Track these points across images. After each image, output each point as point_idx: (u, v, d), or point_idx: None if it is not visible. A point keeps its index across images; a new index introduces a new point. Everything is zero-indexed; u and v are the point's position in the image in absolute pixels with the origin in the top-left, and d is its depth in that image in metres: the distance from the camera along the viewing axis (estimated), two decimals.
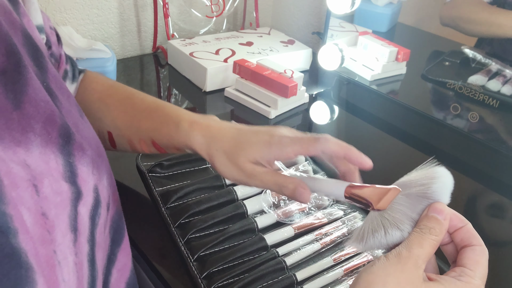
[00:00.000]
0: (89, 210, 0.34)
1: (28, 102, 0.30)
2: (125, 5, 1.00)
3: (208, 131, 0.46)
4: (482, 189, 0.72)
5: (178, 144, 0.48)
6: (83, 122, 0.37)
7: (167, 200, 0.56)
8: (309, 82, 1.00)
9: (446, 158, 0.77)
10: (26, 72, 0.30)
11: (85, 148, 0.35)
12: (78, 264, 0.32)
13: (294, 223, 0.55)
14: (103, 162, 0.38)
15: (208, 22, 1.12)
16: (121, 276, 0.42)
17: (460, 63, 0.78)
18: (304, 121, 0.86)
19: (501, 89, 0.72)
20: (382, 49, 0.88)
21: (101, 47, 0.87)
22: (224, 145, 0.44)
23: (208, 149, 0.45)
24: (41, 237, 0.28)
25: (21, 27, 0.34)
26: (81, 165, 0.34)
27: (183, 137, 0.47)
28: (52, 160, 0.31)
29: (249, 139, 0.44)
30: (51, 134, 0.32)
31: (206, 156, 0.46)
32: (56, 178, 0.31)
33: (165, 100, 0.91)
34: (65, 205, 0.31)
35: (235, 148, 0.44)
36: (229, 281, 0.47)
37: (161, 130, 0.48)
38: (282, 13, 1.19)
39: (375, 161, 0.43)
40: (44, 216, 0.29)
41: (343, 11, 0.85)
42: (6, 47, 0.30)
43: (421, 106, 0.83)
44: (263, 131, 0.44)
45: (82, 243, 0.33)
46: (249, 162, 0.43)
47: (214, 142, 0.45)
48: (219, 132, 0.46)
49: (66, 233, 0.31)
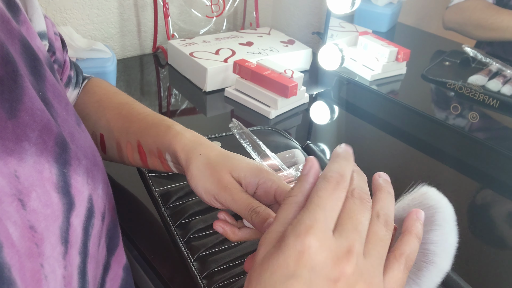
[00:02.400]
0: (82, 221, 0.34)
1: (24, 110, 0.30)
2: (125, 5, 1.00)
3: (197, 139, 0.45)
4: (482, 189, 0.72)
5: (162, 145, 0.46)
6: (80, 131, 0.37)
7: (167, 200, 0.56)
8: (309, 82, 1.00)
9: (446, 158, 0.77)
10: (22, 81, 0.30)
11: (80, 158, 0.34)
12: (67, 278, 0.31)
13: None
14: (99, 171, 0.37)
15: (208, 22, 1.12)
16: (112, 285, 0.42)
17: (460, 63, 0.78)
18: (304, 121, 0.86)
19: (501, 89, 0.72)
20: (382, 49, 0.88)
21: (101, 47, 0.87)
22: (211, 153, 0.42)
23: (190, 152, 0.43)
24: (28, 251, 0.28)
25: (20, 36, 0.34)
26: (76, 175, 0.33)
27: (170, 138, 0.45)
28: (46, 169, 0.31)
29: (241, 158, 0.42)
30: (48, 143, 0.31)
31: (183, 159, 0.43)
32: (46, 189, 0.30)
33: (165, 100, 0.91)
34: (56, 217, 0.31)
35: (222, 158, 0.42)
36: (229, 281, 0.47)
37: (150, 130, 0.47)
38: (282, 13, 1.19)
39: (375, 161, 0.43)
40: (32, 229, 0.29)
41: (343, 11, 0.85)
42: (2, 56, 0.30)
43: (421, 106, 0.83)
44: (255, 161, 0.43)
45: (73, 255, 0.32)
46: (229, 174, 0.40)
47: (201, 148, 0.43)
48: (209, 144, 0.44)
49: (56, 245, 0.30)
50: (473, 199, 0.70)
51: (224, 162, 0.41)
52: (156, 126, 0.47)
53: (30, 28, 0.38)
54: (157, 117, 0.49)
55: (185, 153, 0.43)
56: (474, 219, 0.64)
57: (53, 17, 0.92)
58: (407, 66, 0.89)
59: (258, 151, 0.57)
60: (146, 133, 0.47)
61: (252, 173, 0.40)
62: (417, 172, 0.74)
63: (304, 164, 0.32)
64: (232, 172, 0.41)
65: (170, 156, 0.46)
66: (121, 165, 0.65)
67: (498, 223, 0.65)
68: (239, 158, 0.42)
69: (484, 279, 0.53)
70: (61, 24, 0.93)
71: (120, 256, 0.43)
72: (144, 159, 0.49)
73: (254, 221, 0.38)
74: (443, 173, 0.75)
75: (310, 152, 0.67)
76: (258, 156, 0.57)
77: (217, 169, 0.41)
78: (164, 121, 0.47)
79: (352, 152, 0.33)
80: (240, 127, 0.58)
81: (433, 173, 0.74)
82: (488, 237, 0.61)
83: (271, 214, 0.37)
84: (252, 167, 0.41)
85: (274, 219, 0.31)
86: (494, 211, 0.67)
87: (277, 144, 0.67)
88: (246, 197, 0.39)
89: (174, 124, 0.47)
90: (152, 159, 0.48)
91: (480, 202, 0.70)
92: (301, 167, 0.62)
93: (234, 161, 0.41)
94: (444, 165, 0.76)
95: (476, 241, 0.60)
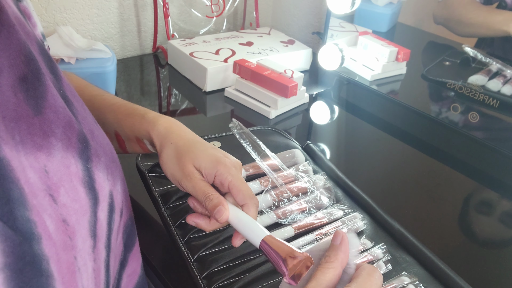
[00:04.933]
0: (106, 215, 0.35)
1: (48, 107, 0.31)
2: (125, 5, 1.00)
3: (170, 126, 0.49)
4: (482, 189, 0.72)
5: (139, 133, 0.50)
6: (98, 129, 0.38)
7: (167, 200, 0.56)
8: (309, 82, 1.00)
9: (446, 158, 0.77)
10: (45, 79, 0.31)
11: (100, 154, 0.35)
12: (96, 270, 0.32)
13: (294, 223, 0.55)
14: (117, 168, 0.39)
15: (208, 22, 1.12)
16: (129, 281, 0.42)
17: (460, 63, 0.78)
18: (304, 121, 0.86)
19: (501, 89, 0.72)
20: (382, 49, 0.88)
21: (101, 47, 0.87)
22: (179, 142, 0.47)
23: (163, 140, 0.48)
24: (63, 243, 0.29)
25: (35, 38, 0.35)
26: (98, 171, 0.34)
27: (146, 126, 0.49)
28: (72, 164, 0.31)
29: (204, 149, 0.47)
30: (71, 139, 0.32)
31: (158, 146, 0.48)
32: (74, 184, 0.31)
33: (165, 100, 0.91)
34: (85, 211, 0.32)
35: (187, 148, 0.46)
36: (229, 281, 0.47)
37: (126, 120, 0.51)
38: (282, 13, 1.19)
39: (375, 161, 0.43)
40: (65, 223, 0.29)
41: (343, 11, 0.85)
42: (26, 55, 0.30)
43: (421, 106, 0.83)
44: (221, 151, 0.48)
45: (100, 249, 0.33)
46: (191, 165, 0.45)
47: (172, 137, 0.48)
48: (180, 132, 0.49)
49: (86, 238, 0.31)
50: (473, 199, 0.70)
51: (189, 153, 0.46)
52: (131, 116, 0.51)
53: (39, 31, 0.39)
54: (130, 106, 0.52)
55: (159, 141, 0.48)
56: (474, 219, 0.64)
57: (53, 17, 0.92)
58: (407, 66, 0.89)
59: (258, 151, 0.57)
60: (122, 123, 0.51)
61: (210, 164, 0.45)
62: (417, 172, 0.74)
63: (334, 236, 0.38)
64: (194, 162, 0.45)
65: (148, 141, 0.51)
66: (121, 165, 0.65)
67: (498, 223, 0.65)
68: (202, 149, 0.46)
69: (484, 279, 0.53)
70: (61, 24, 0.93)
71: (138, 254, 0.44)
72: (123, 146, 0.54)
73: (207, 206, 0.43)
74: (443, 173, 0.75)
75: (310, 152, 0.67)
76: (258, 156, 0.57)
77: (182, 158, 0.46)
78: (137, 110, 0.51)
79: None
80: (240, 127, 0.58)
81: (433, 173, 0.74)
82: (488, 237, 0.61)
83: (222, 202, 0.43)
84: (211, 159, 0.45)
85: (312, 277, 0.35)
86: (494, 211, 0.67)
87: (277, 144, 0.67)
88: (203, 185, 0.45)
89: (147, 113, 0.51)
90: (130, 145, 0.53)
91: (480, 202, 0.70)
92: (301, 167, 0.62)
93: (197, 152, 0.46)
94: (444, 165, 0.76)
95: (476, 241, 0.60)
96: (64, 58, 0.84)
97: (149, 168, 0.59)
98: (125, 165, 0.64)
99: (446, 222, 0.62)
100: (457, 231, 0.61)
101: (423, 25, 0.86)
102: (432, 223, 0.61)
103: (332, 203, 0.59)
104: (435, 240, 0.57)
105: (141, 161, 0.61)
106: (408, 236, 0.54)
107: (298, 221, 0.55)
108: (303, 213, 0.57)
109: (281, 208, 0.56)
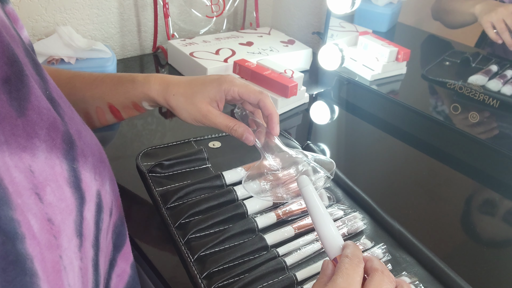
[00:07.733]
0: (94, 215, 0.35)
1: (31, 109, 0.31)
2: (125, 5, 1.00)
3: (162, 80, 0.52)
4: (482, 189, 0.72)
5: (135, 98, 0.53)
6: (86, 129, 0.38)
7: (167, 200, 0.56)
8: (309, 82, 1.00)
9: (446, 158, 0.77)
10: (28, 81, 0.31)
11: (87, 154, 0.35)
12: (83, 269, 0.32)
13: (294, 223, 0.55)
14: (105, 168, 0.39)
15: (208, 22, 1.12)
16: (119, 281, 0.42)
17: (460, 63, 0.78)
18: (304, 121, 0.86)
19: (501, 89, 0.72)
20: (382, 49, 0.88)
21: (101, 47, 0.87)
22: (180, 89, 0.51)
23: (165, 94, 0.51)
24: (48, 243, 0.29)
25: (20, 41, 0.35)
26: (84, 171, 0.34)
27: (140, 89, 0.52)
28: (57, 165, 0.32)
29: (203, 82, 0.50)
30: (55, 140, 0.32)
31: (163, 101, 0.51)
32: (60, 184, 0.31)
33: None
34: (71, 211, 0.32)
35: (191, 90, 0.50)
36: (229, 281, 0.47)
37: (117, 90, 0.53)
38: (282, 13, 1.19)
39: (375, 161, 0.43)
40: (50, 222, 0.30)
41: (343, 11, 0.85)
42: (9, 57, 0.30)
43: (421, 106, 0.83)
44: (214, 74, 0.53)
45: (87, 248, 0.34)
46: (205, 103, 0.50)
47: (171, 88, 0.51)
48: (173, 79, 0.52)
49: (72, 238, 0.31)
50: (473, 199, 0.70)
51: (195, 94, 0.50)
52: (121, 84, 0.53)
53: (25, 34, 0.39)
54: (114, 76, 0.55)
55: (162, 96, 0.52)
56: (474, 219, 0.64)
57: (53, 17, 0.92)
58: (407, 66, 0.89)
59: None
60: (114, 93, 0.54)
61: (217, 93, 0.50)
62: (417, 172, 0.74)
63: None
64: (205, 100, 0.50)
65: (148, 102, 0.54)
66: (120, 165, 0.65)
67: (498, 223, 0.65)
68: (202, 84, 0.51)
69: (484, 279, 0.53)
70: (61, 24, 0.93)
71: (127, 253, 0.44)
72: (119, 115, 0.57)
73: (234, 135, 0.50)
74: (443, 173, 0.74)
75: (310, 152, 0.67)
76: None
77: (193, 102, 0.50)
78: (123, 77, 0.54)
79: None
80: (244, 110, 0.58)
81: (433, 173, 0.74)
82: (488, 237, 0.61)
83: (245, 130, 0.51)
84: (214, 87, 0.50)
85: (336, 269, 0.36)
86: (494, 211, 0.67)
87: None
88: (223, 119, 0.51)
89: (135, 77, 0.53)
90: (126, 111, 0.56)
91: (480, 202, 0.70)
92: (301, 167, 0.62)
93: (200, 88, 0.51)
94: (444, 165, 0.76)
95: (477, 241, 0.60)
96: (64, 58, 0.84)
97: (149, 168, 0.59)
98: (125, 165, 0.65)
99: (446, 222, 0.62)
100: (457, 231, 0.61)
101: (423, 25, 0.86)
102: (432, 223, 0.61)
103: (332, 203, 0.59)
104: (435, 240, 0.57)
105: (141, 161, 0.61)
106: (408, 236, 0.54)
107: (298, 221, 0.55)
108: (304, 213, 0.57)
109: (281, 208, 0.56)
